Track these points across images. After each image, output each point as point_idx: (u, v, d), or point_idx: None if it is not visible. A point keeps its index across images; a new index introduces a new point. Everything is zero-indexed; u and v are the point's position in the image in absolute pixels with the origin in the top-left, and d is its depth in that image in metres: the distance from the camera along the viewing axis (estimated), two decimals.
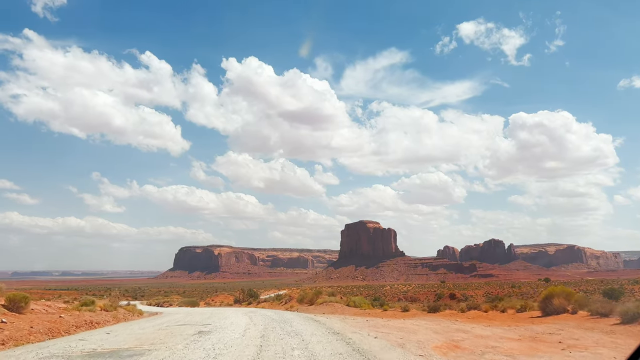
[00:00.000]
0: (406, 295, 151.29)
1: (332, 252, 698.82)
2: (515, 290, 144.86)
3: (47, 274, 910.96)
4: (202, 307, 73.90)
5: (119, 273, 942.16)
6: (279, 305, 52.28)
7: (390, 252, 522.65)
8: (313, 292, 41.11)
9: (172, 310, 53.21)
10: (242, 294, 78.77)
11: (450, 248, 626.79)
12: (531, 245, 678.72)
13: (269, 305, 53.88)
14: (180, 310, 49.05)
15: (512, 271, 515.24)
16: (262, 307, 53.25)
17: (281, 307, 46.33)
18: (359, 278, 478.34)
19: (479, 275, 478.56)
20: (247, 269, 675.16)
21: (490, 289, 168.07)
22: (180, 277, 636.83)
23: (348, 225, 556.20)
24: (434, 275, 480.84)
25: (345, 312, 31.12)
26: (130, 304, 52.23)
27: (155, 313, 49.66)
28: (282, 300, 54.72)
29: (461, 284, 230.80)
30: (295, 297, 52.65)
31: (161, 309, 64.95)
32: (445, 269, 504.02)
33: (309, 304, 41.58)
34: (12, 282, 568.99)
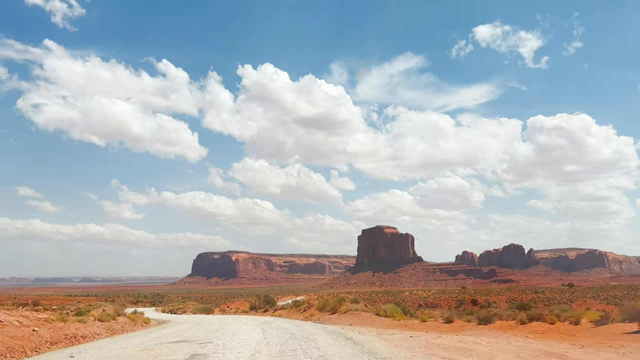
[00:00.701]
0: (426, 301, 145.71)
1: (349, 257, 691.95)
2: (540, 296, 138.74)
3: (68, 280, 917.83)
4: (216, 314, 69.50)
5: (138, 279, 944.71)
6: (297, 313, 47.59)
7: (408, 257, 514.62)
8: (335, 300, 36.37)
9: (182, 319, 48.85)
10: (259, 300, 74.23)
11: (468, 253, 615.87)
12: (551, 250, 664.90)
13: (286, 314, 49.21)
14: (189, 319, 44.63)
15: (532, 276, 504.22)
16: (279, 316, 48.67)
17: (300, 316, 41.61)
18: (377, 284, 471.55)
19: (498, 280, 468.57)
20: (265, 274, 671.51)
21: (512, 294, 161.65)
22: (199, 283, 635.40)
23: (365, 230, 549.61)
24: (452, 280, 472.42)
25: (375, 323, 26.33)
26: (137, 311, 48.05)
27: (163, 322, 45.44)
28: (301, 307, 50.01)
29: (482, 290, 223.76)
30: (315, 304, 47.93)
31: (173, 316, 60.78)
32: (464, 274, 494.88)
33: (331, 312, 36.82)
34: (34, 288, 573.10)
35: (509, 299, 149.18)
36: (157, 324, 43.48)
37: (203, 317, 48.57)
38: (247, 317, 44.65)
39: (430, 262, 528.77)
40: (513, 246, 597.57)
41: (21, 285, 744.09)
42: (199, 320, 40.84)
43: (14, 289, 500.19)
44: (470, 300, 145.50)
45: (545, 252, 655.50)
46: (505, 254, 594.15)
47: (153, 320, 50.38)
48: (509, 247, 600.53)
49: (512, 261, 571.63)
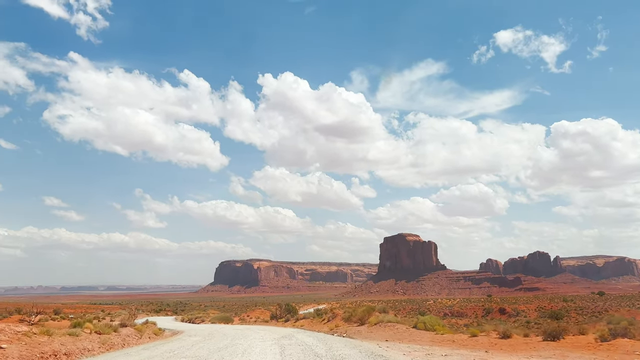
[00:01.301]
0: (452, 310, 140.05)
1: (371, 265, 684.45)
2: (571, 305, 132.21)
3: (94, 289, 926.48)
4: (235, 323, 65.68)
5: (161, 287, 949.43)
6: (321, 323, 43.43)
7: (431, 265, 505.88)
8: (363, 309, 32.18)
9: (196, 329, 45.08)
10: (279, 309, 70.23)
11: (493, 261, 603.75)
12: (578, 258, 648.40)
13: (308, 324, 45.10)
14: (204, 330, 40.85)
15: (559, 284, 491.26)
16: (300, 326, 44.59)
17: (324, 327, 37.45)
18: (400, 292, 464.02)
19: (524, 289, 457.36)
20: (286, 282, 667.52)
21: (541, 303, 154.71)
22: (221, 291, 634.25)
23: (387, 238, 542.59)
24: (477, 289, 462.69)
25: (415, 338, 22.10)
26: (148, 321, 44.45)
27: (176, 332, 41.77)
28: (324, 317, 45.85)
29: (508, 298, 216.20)
30: (340, 314, 43.75)
31: (189, 326, 57.06)
32: (488, 282, 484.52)
33: (358, 323, 32.61)
34: (60, 296, 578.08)
35: (538, 308, 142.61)
36: (170, 335, 39.86)
37: (219, 328, 44.76)
38: (266, 328, 40.69)
39: (454, 270, 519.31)
40: (538, 254, 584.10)
41: (48, 293, 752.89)
42: (214, 332, 37.00)
43: (41, 297, 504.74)
44: (497, 309, 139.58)
45: (572, 260, 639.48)
46: (531, 262, 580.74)
47: (168, 330, 46.90)
48: (534, 254, 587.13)
49: (538, 269, 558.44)
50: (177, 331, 44.11)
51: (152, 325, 41.92)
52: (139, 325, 35.88)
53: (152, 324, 42.99)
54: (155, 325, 42.07)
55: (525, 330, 21.56)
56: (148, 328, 37.46)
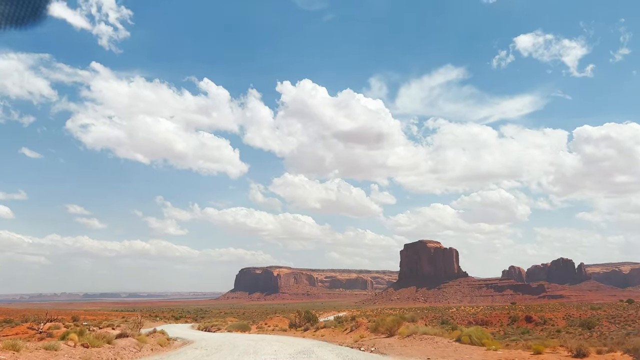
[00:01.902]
0: (476, 318, 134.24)
1: (391, 273, 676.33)
2: (601, 313, 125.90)
3: (116, 296, 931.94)
4: (252, 332, 61.92)
5: (182, 294, 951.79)
6: (343, 333, 39.40)
7: (452, 272, 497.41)
8: (393, 319, 28.06)
9: (209, 339, 41.50)
10: (298, 317, 66.24)
11: (515, 268, 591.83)
12: (603, 265, 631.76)
13: (330, 334, 41.09)
14: (215, 340, 37.25)
15: (584, 292, 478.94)
16: (321, 336, 40.64)
17: (347, 338, 33.42)
18: (421, 299, 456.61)
19: (548, 296, 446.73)
20: (306, 290, 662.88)
21: (568, 311, 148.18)
22: (241, 298, 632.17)
23: (407, 245, 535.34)
24: (499, 296, 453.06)
25: (463, 354, 17.95)
26: (156, 330, 40.91)
27: (186, 342, 38.26)
28: (347, 327, 41.80)
29: (533, 306, 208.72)
30: (365, 323, 39.65)
31: (203, 335, 53.56)
32: (511, 290, 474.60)
33: (387, 334, 28.49)
34: (83, 303, 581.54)
35: (566, 316, 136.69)
36: (179, 345, 36.31)
37: (232, 338, 40.99)
38: (282, 339, 36.81)
39: (476, 277, 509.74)
40: (562, 260, 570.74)
41: (71, 300, 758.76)
42: (224, 343, 33.26)
43: (64, 304, 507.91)
44: (524, 317, 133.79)
45: (597, 267, 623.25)
46: (554, 269, 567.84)
47: (179, 339, 43.36)
48: (558, 261, 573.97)
49: (562, 276, 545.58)
50: (188, 341, 40.53)
51: (160, 334, 38.34)
52: (143, 335, 32.27)
53: (160, 334, 39.41)
54: (163, 335, 38.49)
55: (598, 345, 17.33)
56: (153, 338, 33.86)
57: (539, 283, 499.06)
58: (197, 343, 34.77)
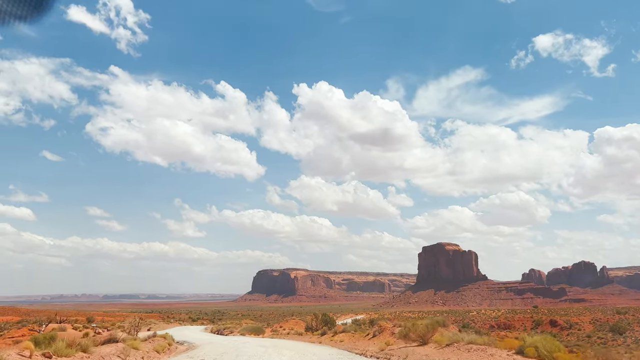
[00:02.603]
0: (497, 322, 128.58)
1: (409, 275, 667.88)
2: (629, 317, 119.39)
3: (135, 297, 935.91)
4: (266, 335, 57.56)
5: (200, 296, 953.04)
6: (365, 339, 34.87)
7: (471, 275, 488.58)
8: (427, 324, 23.40)
9: (216, 343, 37.39)
10: (315, 320, 61.76)
11: (536, 271, 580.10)
12: (626, 268, 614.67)
13: (349, 340, 36.57)
14: (221, 346, 33.11)
15: (606, 296, 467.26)
16: (340, 342, 36.12)
17: (371, 345, 28.88)
18: (439, 303, 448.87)
19: (569, 300, 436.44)
20: (323, 292, 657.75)
21: (594, 315, 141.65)
22: (258, 300, 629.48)
23: (425, 247, 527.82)
24: (519, 300, 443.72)
25: None
26: (157, 334, 36.73)
27: (191, 347, 34.27)
28: (369, 331, 37.29)
29: (556, 310, 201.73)
30: (389, 327, 35.03)
31: (213, 338, 49.63)
32: (531, 293, 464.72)
33: (418, 342, 23.80)
34: (102, 304, 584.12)
35: (592, 320, 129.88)
36: (184, 349, 32.40)
37: (241, 343, 36.68)
38: (296, 346, 32.42)
39: (495, 280, 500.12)
40: (584, 264, 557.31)
41: (91, 301, 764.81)
42: (231, 349, 29.08)
43: (85, 305, 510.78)
44: (548, 321, 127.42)
45: (620, 270, 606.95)
46: (575, 272, 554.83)
47: (187, 343, 39.36)
48: (579, 264, 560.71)
49: (583, 280, 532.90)
50: (193, 345, 36.46)
51: (160, 339, 34.17)
52: (136, 341, 28.07)
53: (162, 338, 35.26)
54: (164, 340, 34.34)
55: None
56: (150, 344, 29.66)
57: (560, 286, 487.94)
58: (199, 350, 30.56)
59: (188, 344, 39.75)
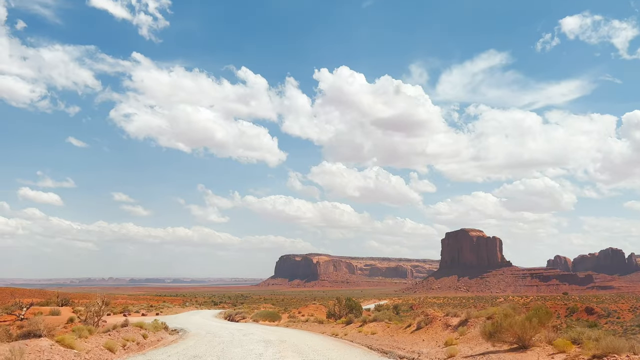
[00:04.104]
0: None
1: (432, 262, 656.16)
2: None
3: (160, 281, 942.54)
4: (282, 322, 48.48)
5: (224, 280, 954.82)
6: (406, 332, 25.40)
7: (495, 262, 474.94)
8: (530, 316, 13.66)
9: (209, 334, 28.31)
10: (338, 305, 52.44)
11: (561, 258, 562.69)
12: None
13: (384, 333, 27.20)
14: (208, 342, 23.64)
15: (635, 283, 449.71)
16: (372, 336, 26.82)
17: (420, 343, 19.46)
18: (462, 289, 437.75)
19: (596, 287, 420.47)
20: (345, 277, 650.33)
21: (632, 302, 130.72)
22: (281, 284, 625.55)
23: (449, 234, 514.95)
24: (544, 286, 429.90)
25: None
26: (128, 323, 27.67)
27: (171, 341, 25.20)
28: (410, 322, 27.71)
29: (587, 297, 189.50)
30: (439, 317, 25.50)
31: (217, 325, 40.91)
32: (557, 279, 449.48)
33: (509, 344, 13.94)
34: (128, 288, 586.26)
35: (632, 308, 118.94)
36: (162, 344, 23.31)
37: (243, 335, 27.63)
38: (312, 341, 23.15)
39: (519, 267, 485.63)
40: (611, 250, 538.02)
41: (117, 285, 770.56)
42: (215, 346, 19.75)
43: (111, 289, 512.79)
44: (583, 309, 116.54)
45: None
46: (602, 259, 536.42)
47: (181, 332, 32.35)
48: (606, 251, 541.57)
49: (610, 266, 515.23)
50: (185, 335, 27.66)
51: (135, 330, 25.16)
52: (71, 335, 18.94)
53: (137, 327, 26.27)
54: (138, 330, 25.35)
55: None
56: (102, 339, 20.53)
57: (586, 273, 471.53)
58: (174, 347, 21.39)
59: (179, 334, 31.24)
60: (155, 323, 32.55)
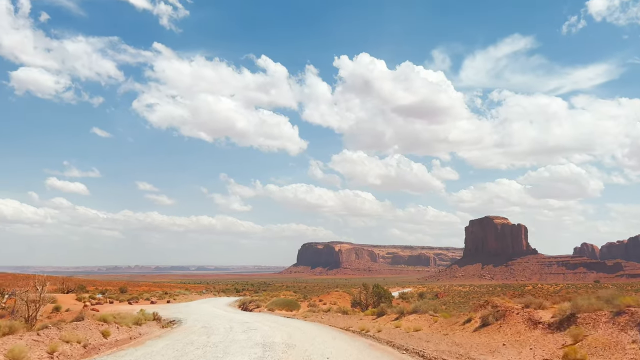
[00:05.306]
0: (563, 297, 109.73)
1: (455, 249, 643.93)
2: None
3: (185, 269, 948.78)
4: (299, 313, 41.40)
5: (247, 268, 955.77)
6: (467, 329, 17.89)
7: (520, 249, 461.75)
8: None
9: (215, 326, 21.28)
10: (365, 292, 45.13)
11: (588, 245, 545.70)
12: None
13: (430, 327, 19.88)
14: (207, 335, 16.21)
15: None
16: (414, 332, 19.36)
17: (514, 351, 11.39)
18: (487, 277, 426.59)
19: (626, 275, 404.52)
20: (368, 265, 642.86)
21: None
22: (303, 272, 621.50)
23: (473, 221, 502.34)
24: (571, 274, 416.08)
25: None
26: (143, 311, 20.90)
27: (146, 339, 18.00)
28: (471, 315, 20.15)
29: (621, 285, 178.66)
30: (516, 310, 17.72)
31: (222, 316, 34.15)
32: (584, 267, 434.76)
33: None
34: (154, 276, 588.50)
35: None
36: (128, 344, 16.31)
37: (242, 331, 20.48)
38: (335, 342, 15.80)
39: (545, 254, 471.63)
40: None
41: (143, 272, 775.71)
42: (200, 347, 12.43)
43: (137, 276, 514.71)
44: None
45: None
46: (632, 246, 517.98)
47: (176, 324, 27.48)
48: (636, 238, 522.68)
49: None
50: (174, 330, 20.75)
51: (94, 324, 18.20)
52: None
53: (98, 323, 19.32)
54: (98, 327, 18.38)
55: None
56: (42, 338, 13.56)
57: (615, 261, 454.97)
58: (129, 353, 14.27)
59: (173, 327, 24.85)
60: (139, 314, 25.77)
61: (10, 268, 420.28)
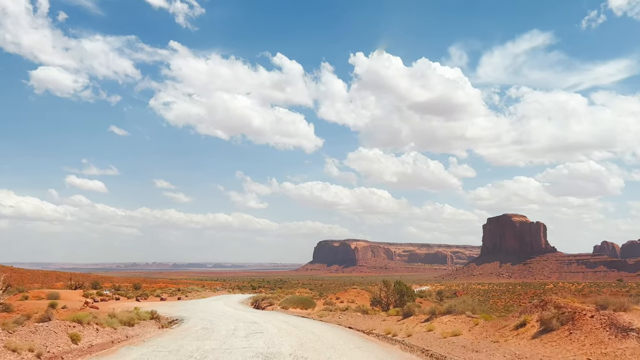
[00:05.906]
0: (583, 295, 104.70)
1: (472, 248, 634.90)
2: None
3: (202, 266, 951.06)
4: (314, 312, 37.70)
5: (263, 265, 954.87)
6: (522, 335, 13.88)
7: (539, 247, 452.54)
8: None
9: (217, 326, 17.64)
10: (386, 290, 41.39)
11: (609, 244, 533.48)
12: None
13: (471, 331, 15.88)
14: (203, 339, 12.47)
15: None
16: (456, 340, 15.47)
17: None
18: (505, 275, 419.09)
19: None
20: (384, 263, 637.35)
21: None
22: (319, 270, 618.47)
23: (490, 219, 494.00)
24: (591, 273, 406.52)
25: None
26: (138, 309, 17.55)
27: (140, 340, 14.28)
28: (524, 318, 16.10)
29: None
30: (589, 311, 13.53)
31: (232, 315, 30.57)
32: (604, 266, 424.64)
33: None
34: (171, 272, 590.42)
35: None
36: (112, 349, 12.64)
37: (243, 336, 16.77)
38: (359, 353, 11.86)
39: (565, 253, 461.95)
40: None
41: (161, 269, 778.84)
42: None
43: (155, 273, 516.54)
44: None
45: None
46: None
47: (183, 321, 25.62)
48: None
49: None
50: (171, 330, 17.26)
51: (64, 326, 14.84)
52: None
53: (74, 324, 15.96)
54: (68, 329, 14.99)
55: None
56: None
57: (636, 259, 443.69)
58: None
59: (174, 326, 21.44)
60: (132, 313, 22.45)
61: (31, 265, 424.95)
